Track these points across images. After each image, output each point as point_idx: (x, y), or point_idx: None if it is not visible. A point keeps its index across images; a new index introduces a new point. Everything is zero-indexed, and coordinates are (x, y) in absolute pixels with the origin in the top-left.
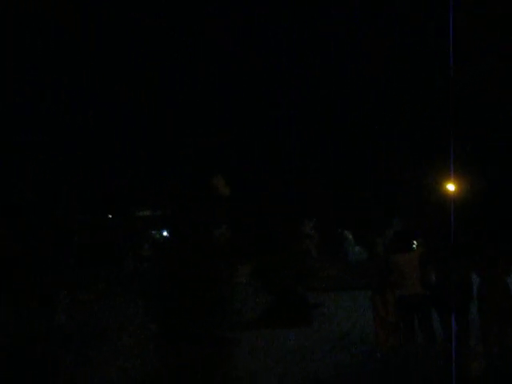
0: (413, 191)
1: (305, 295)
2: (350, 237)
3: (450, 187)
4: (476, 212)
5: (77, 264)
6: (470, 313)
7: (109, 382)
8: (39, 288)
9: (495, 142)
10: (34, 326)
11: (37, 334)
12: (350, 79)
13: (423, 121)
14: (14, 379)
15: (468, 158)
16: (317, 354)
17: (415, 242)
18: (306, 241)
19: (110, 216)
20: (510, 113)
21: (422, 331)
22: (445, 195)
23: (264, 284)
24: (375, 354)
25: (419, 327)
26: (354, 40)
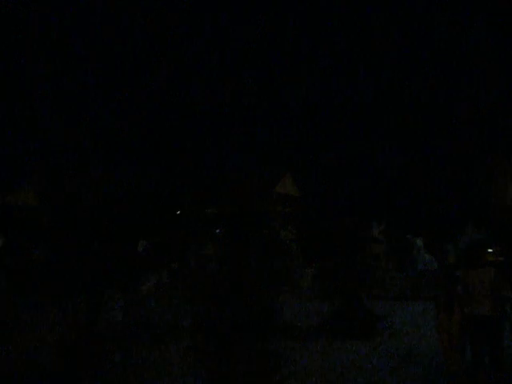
0: (491, 195)
1: (370, 305)
2: (420, 244)
3: None
4: None
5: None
6: None
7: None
8: (97, 285)
9: None
10: (91, 322)
11: (93, 331)
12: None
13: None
14: (65, 372)
15: None
16: (379, 372)
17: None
18: (374, 245)
19: (178, 212)
20: None
21: (491, 357)
22: None
23: (327, 289)
24: (443, 375)
25: (488, 352)
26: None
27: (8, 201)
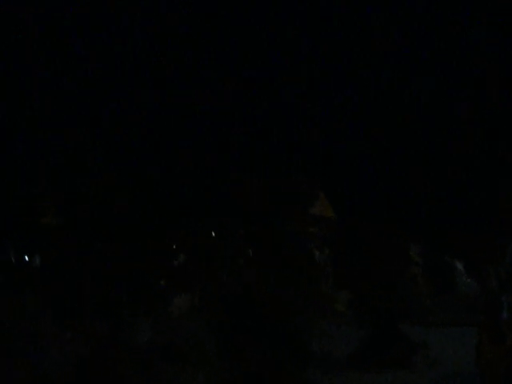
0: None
1: (407, 330)
2: (460, 266)
3: None
4: None
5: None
6: None
7: None
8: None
9: None
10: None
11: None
12: None
13: None
14: None
15: None
16: None
17: None
18: (412, 268)
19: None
20: None
21: None
22: None
23: (362, 314)
24: None
25: None
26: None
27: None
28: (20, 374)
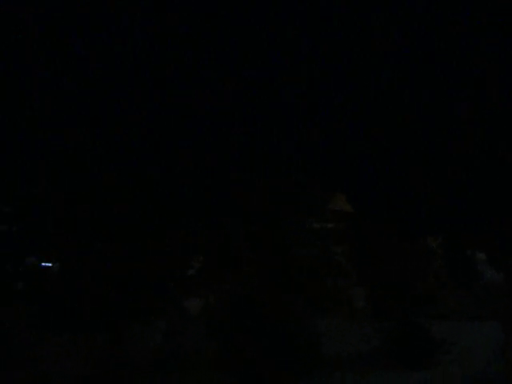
0: None
1: (428, 326)
2: (483, 257)
3: None
4: None
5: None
6: None
7: None
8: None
9: None
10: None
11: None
12: None
13: None
14: None
15: None
16: None
17: None
18: (432, 260)
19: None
20: None
21: None
22: None
23: (381, 310)
24: None
25: None
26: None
27: None
28: None
